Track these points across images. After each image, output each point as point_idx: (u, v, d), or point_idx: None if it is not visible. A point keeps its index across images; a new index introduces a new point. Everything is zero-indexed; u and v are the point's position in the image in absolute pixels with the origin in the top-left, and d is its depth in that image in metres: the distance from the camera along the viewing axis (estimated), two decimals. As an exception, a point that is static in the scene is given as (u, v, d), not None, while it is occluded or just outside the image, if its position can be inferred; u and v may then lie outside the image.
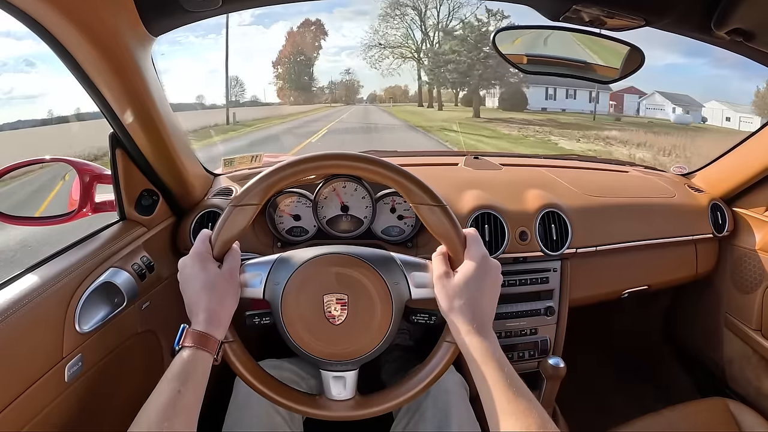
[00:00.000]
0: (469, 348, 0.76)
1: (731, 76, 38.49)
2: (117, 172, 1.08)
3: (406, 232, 1.33)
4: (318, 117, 33.52)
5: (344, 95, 58.80)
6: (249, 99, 46.83)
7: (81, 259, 0.95)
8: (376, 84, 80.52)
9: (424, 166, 1.65)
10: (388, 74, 45.19)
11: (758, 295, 1.52)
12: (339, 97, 57.81)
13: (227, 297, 0.81)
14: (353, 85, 62.16)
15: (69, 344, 0.87)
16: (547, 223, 1.34)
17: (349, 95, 59.93)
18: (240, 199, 0.82)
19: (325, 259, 0.85)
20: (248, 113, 31.87)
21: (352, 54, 72.86)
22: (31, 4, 0.71)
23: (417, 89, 59.07)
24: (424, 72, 42.64)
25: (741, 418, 1.22)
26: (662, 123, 26.75)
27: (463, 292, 0.79)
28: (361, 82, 66.23)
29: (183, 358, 0.73)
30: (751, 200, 1.62)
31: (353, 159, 0.85)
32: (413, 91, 70.11)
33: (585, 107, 32.03)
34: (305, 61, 48.28)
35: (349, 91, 60.39)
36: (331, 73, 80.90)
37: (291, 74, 47.74)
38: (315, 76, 52.42)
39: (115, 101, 0.93)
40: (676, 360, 1.98)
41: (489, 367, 0.74)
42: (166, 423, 0.66)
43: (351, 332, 0.84)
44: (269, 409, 0.99)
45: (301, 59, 47.98)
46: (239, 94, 44.44)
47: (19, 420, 0.78)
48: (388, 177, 0.84)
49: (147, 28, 0.86)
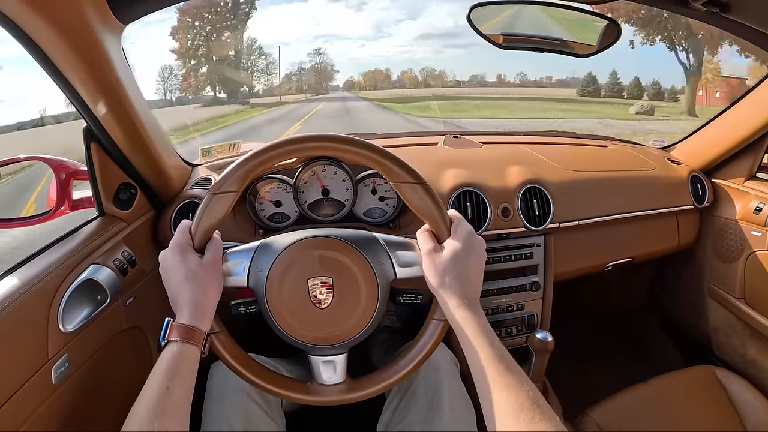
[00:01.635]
0: (460, 323, 0.77)
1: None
2: (93, 167, 1.06)
3: (388, 213, 1.32)
4: (257, 123, 23.46)
5: (314, 83, 54.16)
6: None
7: (60, 258, 0.93)
8: (353, 69, 78.65)
9: (404, 147, 1.65)
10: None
11: (740, 264, 1.54)
12: (304, 87, 52.89)
13: (210, 287, 0.80)
14: (325, 70, 57.84)
15: (54, 345, 0.86)
16: (529, 199, 1.35)
17: (321, 83, 55.30)
18: (218, 186, 0.81)
19: (308, 243, 0.84)
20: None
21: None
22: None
23: (401, 74, 57.45)
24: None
25: (728, 385, 1.24)
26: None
27: (452, 268, 0.79)
28: (335, 66, 62.02)
29: (170, 353, 0.73)
30: (730, 171, 1.64)
31: (331, 140, 0.84)
32: (396, 75, 68.49)
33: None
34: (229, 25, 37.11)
35: (321, 77, 56.10)
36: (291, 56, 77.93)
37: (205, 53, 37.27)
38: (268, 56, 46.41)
39: (87, 93, 0.91)
40: (662, 330, 2.01)
41: (480, 341, 0.74)
42: (158, 422, 0.65)
43: (337, 315, 0.84)
44: (245, 399, 0.98)
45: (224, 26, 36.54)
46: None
47: (9, 425, 0.77)
48: (367, 157, 0.84)
49: (116, 15, 0.84)
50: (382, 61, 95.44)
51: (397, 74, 68.84)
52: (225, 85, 39.76)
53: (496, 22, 1.12)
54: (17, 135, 17.44)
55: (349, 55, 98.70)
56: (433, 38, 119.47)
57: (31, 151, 1.10)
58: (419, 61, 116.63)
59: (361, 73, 69.41)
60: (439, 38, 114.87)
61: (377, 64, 58.85)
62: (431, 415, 0.98)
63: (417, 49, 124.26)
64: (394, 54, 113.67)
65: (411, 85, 60.84)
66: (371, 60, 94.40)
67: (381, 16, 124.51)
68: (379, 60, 58.49)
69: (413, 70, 72.11)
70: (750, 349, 1.55)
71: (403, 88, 58.30)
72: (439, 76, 64.24)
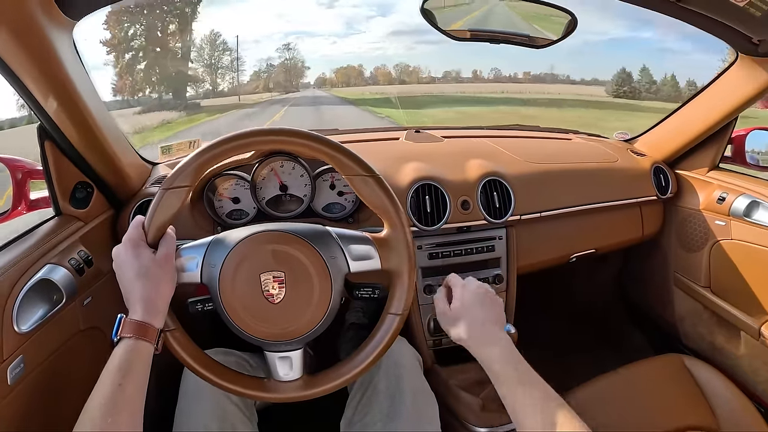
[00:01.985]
0: (483, 361, 0.88)
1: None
2: (48, 166, 1.04)
3: (347, 209, 1.32)
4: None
5: (282, 80, 52.01)
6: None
7: (15, 258, 0.92)
8: (324, 66, 78.02)
9: (365, 142, 1.65)
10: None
11: (704, 254, 1.57)
12: (271, 85, 50.88)
13: (163, 283, 0.80)
14: (295, 66, 56.29)
15: (8, 346, 0.84)
16: (489, 192, 1.35)
17: (290, 80, 53.46)
18: (171, 181, 0.81)
19: (260, 237, 0.84)
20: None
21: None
22: None
23: (374, 70, 56.61)
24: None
25: (696, 373, 1.25)
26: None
27: (460, 320, 0.94)
28: (306, 62, 60.90)
29: (122, 350, 0.72)
30: (692, 162, 1.66)
31: (282, 134, 0.84)
32: (369, 71, 67.76)
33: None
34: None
35: (290, 74, 54.46)
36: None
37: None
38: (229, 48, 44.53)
39: (38, 90, 0.89)
40: (629, 320, 2.04)
41: (500, 371, 0.85)
42: (110, 419, 0.65)
43: (291, 310, 0.84)
44: (221, 398, 0.97)
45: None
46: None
47: None
48: (319, 150, 0.84)
49: (63, 11, 0.84)
50: (354, 57, 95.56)
51: (371, 70, 68.55)
52: (172, 84, 35.42)
53: (452, 14, 1.12)
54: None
55: (321, 52, 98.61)
56: (404, 35, 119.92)
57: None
58: (391, 57, 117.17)
59: (334, 70, 67.90)
60: (410, 35, 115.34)
61: (349, 61, 58.64)
62: (393, 411, 0.98)
63: (389, 45, 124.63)
64: (366, 50, 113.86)
65: (385, 82, 60.29)
66: (343, 57, 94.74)
67: (352, 13, 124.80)
68: (351, 56, 59.51)
69: (387, 66, 71.45)
70: (717, 336, 1.58)
71: (376, 85, 57.68)
72: (413, 72, 64.13)
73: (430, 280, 1.35)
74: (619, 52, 44.45)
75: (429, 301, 1.34)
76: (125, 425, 0.66)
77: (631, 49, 48.45)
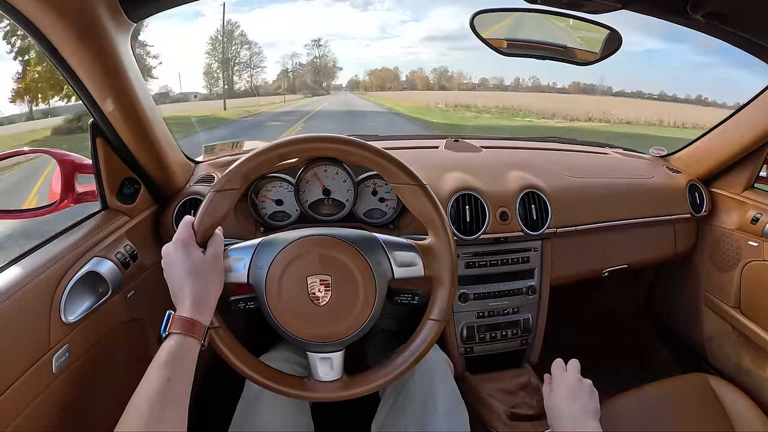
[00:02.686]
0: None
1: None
2: (98, 161, 1.07)
3: (387, 215, 1.33)
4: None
5: (310, 81, 47.76)
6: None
7: (64, 250, 0.94)
8: (357, 68, 73.34)
9: (405, 149, 1.65)
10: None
11: (736, 274, 1.55)
12: (299, 86, 46.96)
13: (212, 282, 0.81)
14: (326, 66, 52.36)
15: (55, 335, 0.87)
16: (527, 204, 1.36)
17: (319, 81, 49.23)
18: (221, 184, 0.83)
19: (308, 241, 0.86)
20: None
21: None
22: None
23: (410, 74, 53.27)
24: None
25: (722, 393, 1.24)
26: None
27: (553, 410, 1.03)
28: (338, 62, 57.35)
29: (170, 345, 0.74)
30: (728, 181, 1.64)
31: (333, 141, 0.86)
32: (405, 75, 65.34)
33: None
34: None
35: (320, 74, 50.54)
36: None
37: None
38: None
39: (96, 89, 0.92)
40: (657, 337, 2.02)
41: None
42: (157, 412, 0.66)
43: (335, 313, 0.85)
44: (282, 400, 1.00)
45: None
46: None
47: (10, 413, 0.78)
48: (368, 159, 0.86)
49: (126, 14, 0.86)
50: (387, 61, 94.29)
51: (406, 74, 65.34)
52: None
53: (499, 28, 1.13)
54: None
55: (354, 54, 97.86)
56: (437, 40, 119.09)
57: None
58: (424, 62, 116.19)
59: (368, 72, 63.75)
60: (443, 40, 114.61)
61: (382, 65, 55.45)
62: (426, 416, 0.99)
63: (422, 50, 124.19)
64: (400, 55, 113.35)
65: (423, 87, 56.63)
66: (376, 60, 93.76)
67: (386, 17, 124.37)
68: (384, 60, 56.75)
69: (423, 70, 67.25)
70: (744, 358, 1.56)
71: (414, 90, 54.41)
72: (453, 78, 60.54)
73: (466, 289, 1.36)
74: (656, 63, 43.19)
75: (463, 308, 1.36)
76: (171, 419, 0.67)
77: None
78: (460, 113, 31.07)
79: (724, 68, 37.63)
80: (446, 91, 56.05)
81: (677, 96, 39.89)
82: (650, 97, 44.98)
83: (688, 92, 27.61)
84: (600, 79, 48.81)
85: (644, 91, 37.32)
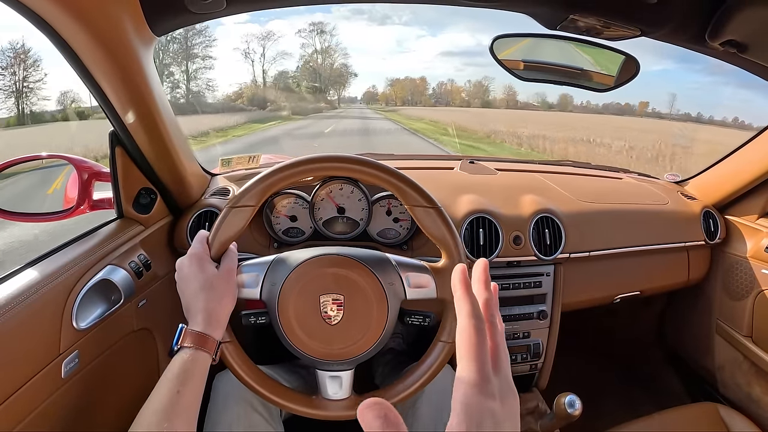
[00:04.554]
0: None
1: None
2: (116, 170, 1.08)
3: (401, 235, 1.33)
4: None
5: (306, 92, 33.82)
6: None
7: (79, 256, 0.95)
8: (375, 80, 58.96)
9: (420, 170, 1.66)
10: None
11: (749, 302, 1.54)
12: (287, 98, 33.32)
13: (225, 297, 0.82)
14: (332, 67, 38.02)
15: (66, 341, 0.87)
16: (541, 228, 1.35)
17: (318, 92, 35.94)
18: (237, 200, 0.84)
19: (322, 260, 0.86)
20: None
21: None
22: (37, 0, 0.71)
23: (437, 86, 41.89)
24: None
25: (731, 423, 1.23)
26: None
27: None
28: (350, 66, 44.97)
29: (182, 359, 0.74)
30: (743, 208, 1.63)
31: (350, 161, 0.86)
32: (434, 86, 52.42)
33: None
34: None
35: (322, 80, 36.50)
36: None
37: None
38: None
39: (118, 100, 0.93)
40: (668, 365, 2.00)
41: None
42: (166, 424, 0.66)
43: (347, 332, 0.85)
44: (248, 409, 1.00)
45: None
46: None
47: (17, 415, 0.78)
48: (384, 179, 0.86)
49: (151, 28, 0.87)
50: (404, 75, 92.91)
51: (433, 86, 55.78)
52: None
53: (517, 50, 1.13)
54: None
55: (370, 67, 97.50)
56: (454, 56, 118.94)
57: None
58: (439, 77, 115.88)
59: (390, 81, 52.37)
60: (460, 56, 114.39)
61: (404, 76, 47.46)
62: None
63: (438, 65, 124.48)
64: (416, 69, 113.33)
65: (458, 102, 49.05)
66: (392, 74, 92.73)
67: (403, 32, 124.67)
68: (401, 74, 51.72)
69: (454, 82, 57.43)
70: (755, 387, 1.54)
71: (448, 106, 45.77)
72: (486, 91, 51.04)
73: None
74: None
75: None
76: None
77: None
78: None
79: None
80: (492, 109, 46.10)
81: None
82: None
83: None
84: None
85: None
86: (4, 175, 1.07)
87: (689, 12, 0.91)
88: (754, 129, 1.50)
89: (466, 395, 0.38)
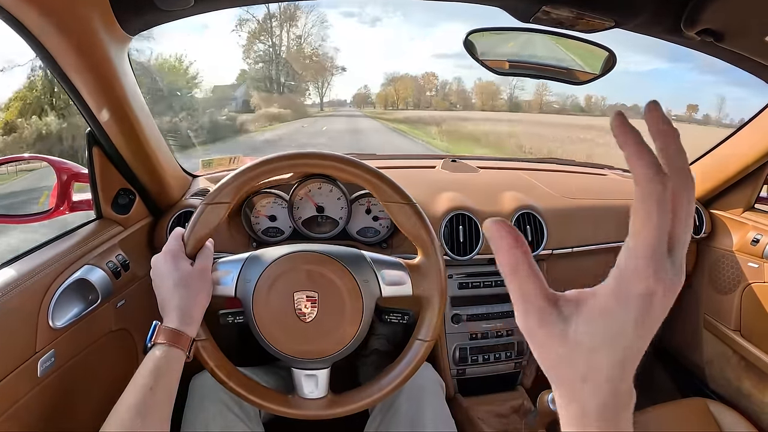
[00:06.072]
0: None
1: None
2: (94, 171, 1.08)
3: (381, 233, 1.33)
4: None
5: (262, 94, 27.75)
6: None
7: (56, 256, 0.95)
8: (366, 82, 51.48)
9: (402, 169, 1.66)
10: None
11: (736, 296, 1.54)
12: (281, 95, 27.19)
13: (199, 294, 0.82)
14: (313, 57, 31.35)
15: (42, 339, 0.87)
16: (523, 225, 1.35)
17: (282, 87, 29.31)
18: (212, 197, 0.84)
19: (296, 257, 0.86)
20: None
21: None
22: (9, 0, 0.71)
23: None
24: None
25: (721, 418, 1.23)
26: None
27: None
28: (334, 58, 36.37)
29: (155, 356, 0.74)
30: (727, 202, 1.63)
31: (324, 158, 0.86)
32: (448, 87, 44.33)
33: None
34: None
35: (286, 72, 29.58)
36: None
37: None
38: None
39: (92, 99, 0.93)
40: (656, 361, 1.99)
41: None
42: (139, 421, 0.66)
43: (321, 330, 0.85)
44: (224, 409, 0.99)
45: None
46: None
47: None
48: (359, 176, 0.86)
49: (122, 27, 0.87)
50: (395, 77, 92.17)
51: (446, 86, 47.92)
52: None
53: (492, 43, 1.13)
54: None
55: (362, 68, 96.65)
56: (448, 58, 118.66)
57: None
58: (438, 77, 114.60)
59: (391, 78, 45.41)
60: (453, 58, 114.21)
61: (390, 81, 42.64)
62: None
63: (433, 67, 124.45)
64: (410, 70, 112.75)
65: (482, 105, 42.10)
66: (384, 76, 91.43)
67: (394, 34, 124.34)
68: (392, 77, 48.86)
69: (462, 82, 50.73)
70: (745, 381, 1.54)
71: (486, 111, 38.29)
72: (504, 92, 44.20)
73: (458, 310, 1.35)
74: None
75: (456, 330, 1.35)
76: (152, 428, 0.68)
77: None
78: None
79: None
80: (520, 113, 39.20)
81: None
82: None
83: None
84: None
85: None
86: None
87: (663, 0, 0.91)
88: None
89: (627, 268, 0.32)
